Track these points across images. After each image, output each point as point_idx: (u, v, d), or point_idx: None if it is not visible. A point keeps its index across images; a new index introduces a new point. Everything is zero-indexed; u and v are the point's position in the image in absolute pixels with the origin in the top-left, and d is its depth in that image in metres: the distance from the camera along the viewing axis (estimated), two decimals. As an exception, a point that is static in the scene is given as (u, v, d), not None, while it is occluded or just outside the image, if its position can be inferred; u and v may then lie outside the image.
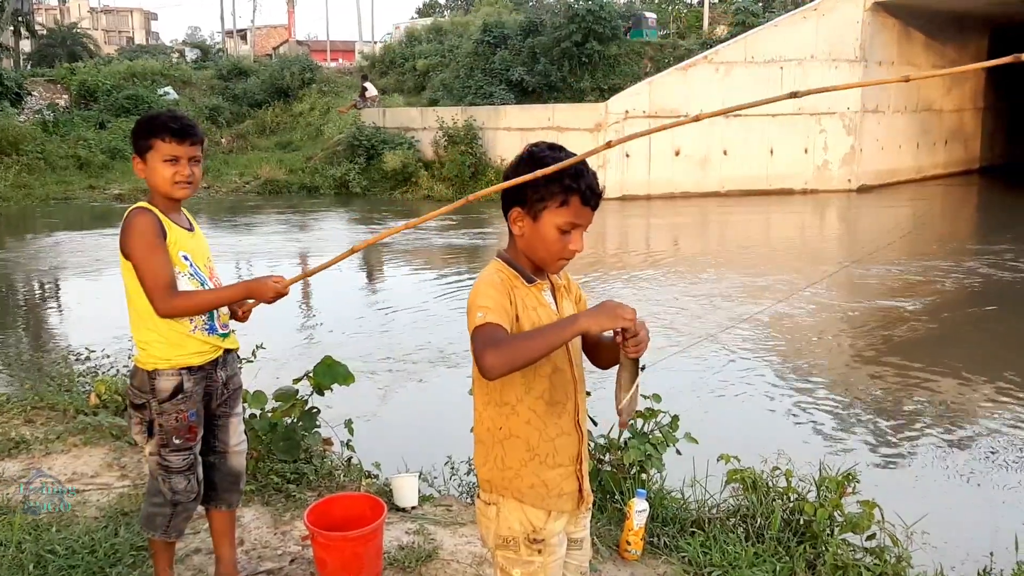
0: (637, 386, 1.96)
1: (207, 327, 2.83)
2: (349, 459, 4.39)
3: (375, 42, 43.63)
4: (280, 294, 2.72)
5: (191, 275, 2.80)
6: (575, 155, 1.99)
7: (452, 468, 4.40)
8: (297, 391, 4.18)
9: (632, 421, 3.90)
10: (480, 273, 2.09)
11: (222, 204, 19.62)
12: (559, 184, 1.95)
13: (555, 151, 2.00)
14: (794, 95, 1.91)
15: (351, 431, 4.34)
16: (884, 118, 22.00)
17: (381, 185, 21.39)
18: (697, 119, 1.97)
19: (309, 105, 28.64)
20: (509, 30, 27.69)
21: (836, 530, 3.44)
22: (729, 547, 3.37)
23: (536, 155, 2.00)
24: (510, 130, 21.11)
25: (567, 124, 20.21)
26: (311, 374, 4.15)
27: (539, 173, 1.94)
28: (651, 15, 29.49)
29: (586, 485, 2.15)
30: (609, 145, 2.09)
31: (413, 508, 3.92)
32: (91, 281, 11.67)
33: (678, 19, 34.64)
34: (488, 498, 2.11)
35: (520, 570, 2.08)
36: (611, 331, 1.91)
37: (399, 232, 2.36)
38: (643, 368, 1.96)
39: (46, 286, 11.98)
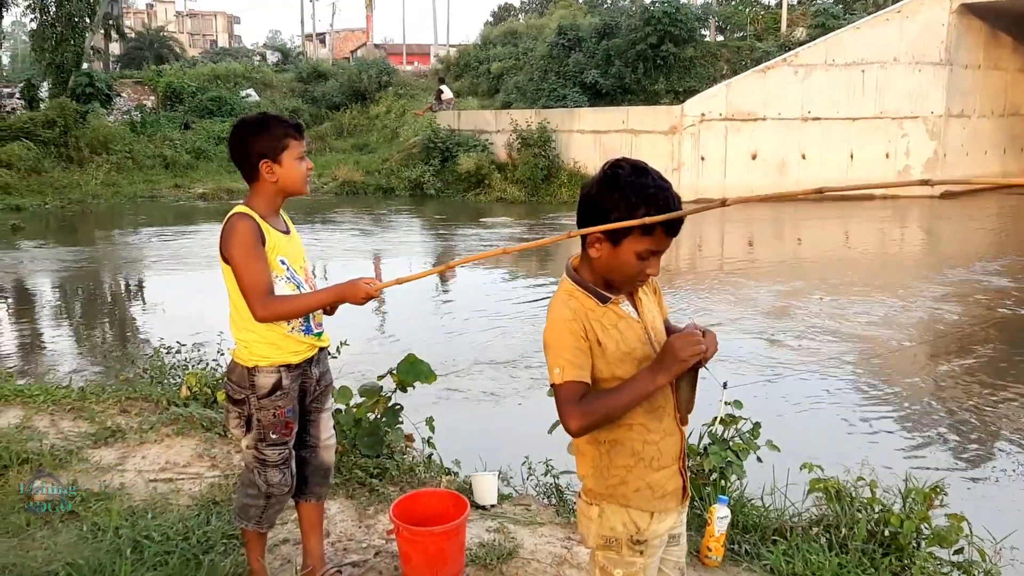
0: (696, 387, 2.05)
1: (303, 328, 2.92)
2: (429, 456, 4.44)
3: (450, 46, 43.96)
4: (370, 296, 2.77)
5: (288, 279, 2.88)
6: (658, 171, 1.97)
7: (529, 468, 4.42)
8: (381, 387, 4.26)
9: (712, 428, 3.90)
10: (552, 299, 2.07)
11: (301, 204, 19.99)
12: (645, 213, 1.92)
13: (639, 174, 1.95)
14: (925, 183, 1.83)
15: (432, 428, 4.38)
16: (969, 123, 21.35)
17: (455, 187, 21.61)
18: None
19: (385, 108, 29.09)
20: (584, 32, 27.62)
21: (923, 543, 3.39)
22: (812, 556, 3.33)
23: (622, 177, 1.95)
24: (583, 132, 21.09)
25: (641, 126, 20.10)
26: (394, 371, 4.22)
27: (660, 218, 1.90)
28: None
29: (687, 481, 2.16)
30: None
31: (493, 506, 3.96)
32: (176, 277, 12.06)
33: (755, 21, 34.10)
34: (591, 499, 2.12)
35: (622, 571, 2.09)
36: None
37: (507, 253, 2.40)
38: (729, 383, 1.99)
39: (134, 282, 12.42)
